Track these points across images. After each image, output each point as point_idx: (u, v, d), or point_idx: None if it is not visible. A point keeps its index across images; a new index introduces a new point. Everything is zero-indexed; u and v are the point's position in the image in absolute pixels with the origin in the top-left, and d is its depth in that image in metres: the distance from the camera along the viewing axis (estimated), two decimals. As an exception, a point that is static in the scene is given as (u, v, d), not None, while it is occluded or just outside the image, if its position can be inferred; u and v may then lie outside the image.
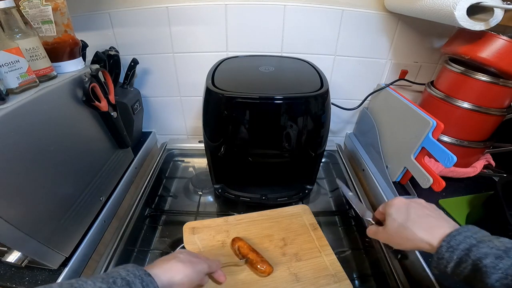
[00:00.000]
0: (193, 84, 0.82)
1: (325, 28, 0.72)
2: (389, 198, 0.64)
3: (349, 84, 0.82)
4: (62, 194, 0.50)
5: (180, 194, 0.77)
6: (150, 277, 0.35)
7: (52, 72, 0.51)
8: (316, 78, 0.57)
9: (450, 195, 0.65)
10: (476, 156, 0.68)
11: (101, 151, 0.62)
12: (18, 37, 0.44)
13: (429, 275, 0.48)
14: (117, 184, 0.68)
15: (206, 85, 0.54)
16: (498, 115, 0.60)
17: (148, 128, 0.92)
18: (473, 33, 0.52)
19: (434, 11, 0.51)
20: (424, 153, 0.57)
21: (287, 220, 0.62)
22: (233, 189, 0.69)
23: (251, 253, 0.51)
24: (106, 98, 0.59)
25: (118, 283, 0.33)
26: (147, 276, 0.35)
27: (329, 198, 0.77)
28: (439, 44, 0.74)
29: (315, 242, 0.56)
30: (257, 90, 0.52)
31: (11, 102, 0.41)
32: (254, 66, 0.63)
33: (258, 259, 0.50)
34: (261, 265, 0.50)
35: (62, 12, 0.51)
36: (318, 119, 0.54)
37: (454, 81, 0.62)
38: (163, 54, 0.77)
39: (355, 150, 0.83)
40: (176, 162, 0.89)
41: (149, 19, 0.71)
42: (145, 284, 0.34)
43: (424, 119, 0.56)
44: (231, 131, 0.53)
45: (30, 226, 0.42)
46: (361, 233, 0.64)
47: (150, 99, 0.86)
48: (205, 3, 0.69)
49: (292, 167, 0.67)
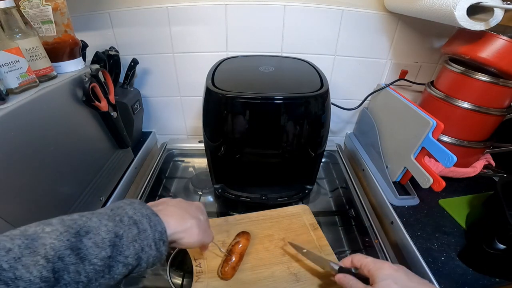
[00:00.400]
0: (193, 84, 0.82)
1: (325, 28, 0.72)
2: (389, 198, 0.64)
3: (349, 84, 0.82)
4: (62, 194, 0.50)
5: (180, 194, 0.77)
6: (157, 217, 0.33)
7: (52, 72, 0.51)
8: (316, 78, 0.57)
9: (450, 195, 0.66)
10: (476, 156, 0.68)
11: (101, 151, 0.62)
12: (18, 37, 0.44)
13: (429, 275, 0.48)
14: (117, 184, 0.68)
15: (206, 85, 0.54)
16: (498, 115, 0.60)
17: (148, 128, 0.92)
18: (473, 33, 0.52)
19: (434, 11, 0.51)
20: (424, 153, 0.57)
21: (287, 220, 0.62)
22: (233, 189, 0.69)
23: (236, 255, 0.50)
24: (106, 98, 0.59)
25: (125, 221, 0.31)
26: (155, 216, 0.33)
27: (329, 198, 0.77)
28: (439, 44, 0.74)
29: (315, 242, 0.56)
30: (257, 90, 0.52)
31: (11, 102, 0.41)
32: (254, 66, 0.63)
33: (233, 263, 0.49)
34: (227, 268, 0.48)
35: (62, 12, 0.51)
36: (318, 119, 0.54)
37: (454, 81, 0.62)
38: (163, 54, 0.77)
39: (355, 150, 0.83)
40: (176, 162, 0.89)
41: (149, 19, 0.71)
42: (153, 224, 0.33)
43: (424, 119, 0.56)
44: (231, 131, 0.53)
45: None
46: (361, 233, 0.64)
47: (150, 99, 0.86)
48: (205, 3, 0.69)
49: (292, 167, 0.67)
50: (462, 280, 0.48)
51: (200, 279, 0.49)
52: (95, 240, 0.28)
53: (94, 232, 0.28)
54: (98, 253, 0.27)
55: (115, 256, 0.29)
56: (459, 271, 0.49)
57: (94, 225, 0.29)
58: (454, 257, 0.52)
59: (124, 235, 0.30)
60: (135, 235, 0.31)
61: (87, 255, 0.27)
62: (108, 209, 0.33)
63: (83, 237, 0.27)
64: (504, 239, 0.47)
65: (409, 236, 0.55)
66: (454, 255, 0.52)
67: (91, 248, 0.27)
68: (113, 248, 0.29)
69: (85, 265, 0.27)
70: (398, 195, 0.63)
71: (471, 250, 0.52)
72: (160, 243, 0.33)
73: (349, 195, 0.72)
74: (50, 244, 0.25)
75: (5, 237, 0.25)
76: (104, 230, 0.29)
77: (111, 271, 0.29)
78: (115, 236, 0.29)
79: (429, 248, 0.53)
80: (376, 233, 0.60)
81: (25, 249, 0.24)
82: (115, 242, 0.29)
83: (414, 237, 0.55)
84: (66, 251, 0.26)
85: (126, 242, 0.30)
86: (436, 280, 0.47)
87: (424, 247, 0.53)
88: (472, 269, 0.50)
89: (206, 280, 0.49)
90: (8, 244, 0.24)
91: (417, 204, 0.63)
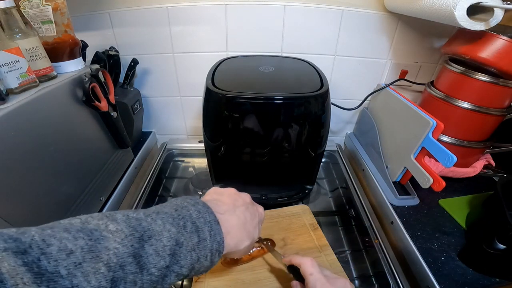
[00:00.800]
0: (193, 84, 0.82)
1: (325, 28, 0.72)
2: (389, 198, 0.64)
3: (349, 84, 0.82)
4: (62, 194, 0.50)
5: (180, 194, 0.77)
6: (218, 226, 0.31)
7: (52, 72, 0.51)
8: (316, 78, 0.57)
9: (450, 195, 0.66)
10: (476, 156, 0.68)
11: (101, 151, 0.62)
12: (18, 37, 0.44)
13: (429, 275, 0.48)
14: (117, 184, 0.68)
15: (206, 85, 0.54)
16: (498, 115, 0.60)
17: (148, 128, 0.92)
18: (473, 33, 0.52)
19: (434, 11, 0.51)
20: (424, 153, 0.57)
21: (287, 220, 0.61)
22: (233, 189, 0.69)
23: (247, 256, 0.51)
24: (106, 98, 0.59)
25: (188, 227, 0.29)
26: (216, 224, 0.31)
27: (329, 198, 0.77)
28: (439, 44, 0.74)
29: (315, 242, 0.56)
30: (257, 90, 0.52)
31: (11, 102, 0.41)
32: (254, 66, 0.63)
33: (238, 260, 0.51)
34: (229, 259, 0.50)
35: (62, 12, 0.51)
36: (318, 119, 0.54)
37: (454, 81, 0.62)
38: (163, 54, 0.77)
39: (355, 150, 0.83)
40: (176, 162, 0.89)
41: (149, 19, 0.71)
42: (213, 233, 0.31)
43: (424, 119, 0.56)
44: (231, 131, 0.53)
45: (30, 226, 0.42)
46: (361, 233, 0.64)
47: (150, 99, 0.86)
48: (205, 3, 0.69)
49: (292, 167, 0.67)
50: (462, 280, 0.48)
51: (200, 279, 0.49)
52: (157, 247, 0.26)
53: (157, 237, 0.26)
54: (157, 262, 0.26)
55: (171, 266, 0.27)
56: (459, 271, 0.49)
57: (157, 229, 0.27)
58: (454, 257, 0.52)
59: (185, 243, 0.28)
60: (195, 244, 0.29)
61: (146, 263, 0.25)
62: (173, 208, 0.31)
63: (146, 243, 0.25)
64: (504, 239, 0.47)
65: (409, 236, 0.55)
66: (454, 255, 0.52)
67: (151, 256, 0.25)
68: (172, 257, 0.27)
69: (143, 274, 0.25)
70: (398, 195, 0.63)
71: (471, 250, 0.52)
72: (216, 254, 0.31)
73: (349, 195, 0.72)
74: (114, 249, 0.23)
75: (67, 234, 0.22)
76: (166, 236, 0.27)
77: (164, 281, 0.27)
78: (175, 244, 0.27)
79: (429, 248, 0.53)
80: (376, 233, 0.60)
81: (88, 252, 0.22)
82: (175, 251, 0.27)
83: (414, 237, 0.55)
84: (128, 259, 0.23)
85: (185, 251, 0.28)
86: (436, 280, 0.47)
87: (424, 247, 0.53)
88: (472, 269, 0.50)
89: (206, 280, 0.49)
90: (70, 245, 0.21)
91: (417, 204, 0.63)
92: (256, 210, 0.40)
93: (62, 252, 0.21)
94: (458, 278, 0.48)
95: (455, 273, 0.49)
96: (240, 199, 0.39)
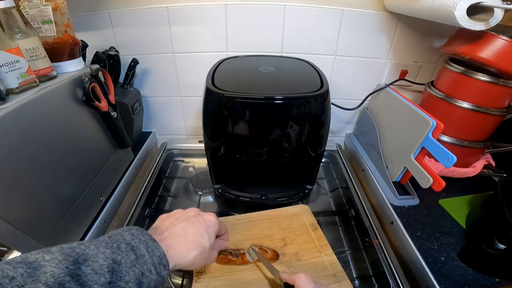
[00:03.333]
0: (193, 84, 0.82)
1: (325, 28, 0.72)
2: (389, 198, 0.64)
3: (349, 84, 0.82)
4: (62, 194, 0.50)
5: (180, 194, 0.77)
6: (155, 242, 0.34)
7: (52, 72, 0.51)
8: (316, 78, 0.57)
9: (450, 195, 0.66)
10: (476, 156, 0.68)
11: (101, 151, 0.62)
12: (18, 37, 0.44)
13: (429, 275, 0.48)
14: (117, 184, 0.68)
15: (206, 85, 0.54)
16: (498, 115, 0.60)
17: (148, 128, 0.92)
18: (473, 33, 0.52)
19: (434, 11, 0.51)
20: (424, 153, 0.57)
21: (287, 220, 0.62)
22: (233, 189, 0.69)
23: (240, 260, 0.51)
24: (106, 98, 0.59)
25: (122, 248, 0.32)
26: (152, 242, 0.34)
27: (329, 198, 0.77)
28: (439, 44, 0.74)
29: (315, 242, 0.56)
30: (257, 90, 0.52)
31: (11, 102, 0.41)
32: (254, 66, 0.63)
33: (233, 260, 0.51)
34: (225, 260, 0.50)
35: (62, 12, 0.51)
36: (318, 119, 0.54)
37: (454, 81, 0.62)
38: (163, 54, 0.77)
39: (355, 150, 0.83)
40: (176, 162, 0.89)
41: (149, 19, 0.71)
42: (150, 249, 0.33)
43: (424, 119, 0.56)
44: (231, 131, 0.53)
45: (30, 226, 0.42)
46: (361, 233, 0.64)
47: (150, 99, 0.86)
48: (205, 3, 0.69)
49: (292, 167, 0.67)
50: (462, 280, 0.48)
51: (200, 279, 0.49)
52: (93, 267, 0.29)
53: (92, 259, 0.29)
54: (98, 279, 0.28)
55: (115, 282, 0.29)
56: (459, 271, 0.49)
57: (92, 253, 0.30)
58: (454, 257, 0.52)
59: (122, 261, 0.31)
60: (133, 260, 0.31)
61: (86, 281, 0.27)
62: (106, 236, 0.33)
63: (82, 264, 0.28)
64: (504, 239, 0.47)
65: (409, 236, 0.55)
66: (454, 255, 0.52)
67: (90, 274, 0.28)
68: (112, 274, 0.29)
69: None
70: (398, 195, 0.63)
71: (471, 250, 0.52)
72: (161, 267, 0.33)
73: (349, 195, 0.72)
74: (50, 272, 0.26)
75: (8, 265, 0.26)
76: (101, 257, 0.30)
77: None
78: (113, 262, 0.30)
79: (429, 248, 0.53)
80: (376, 233, 0.60)
81: (28, 277, 0.25)
82: (114, 268, 0.30)
83: (414, 237, 0.55)
84: (66, 278, 0.26)
85: (125, 267, 0.30)
86: (436, 280, 0.47)
87: (424, 247, 0.53)
88: (472, 269, 0.50)
89: (206, 280, 0.49)
90: (11, 273, 0.25)
91: (417, 204, 0.63)
92: (202, 219, 0.42)
93: (5, 278, 0.24)
94: (458, 278, 0.48)
95: (455, 273, 0.49)
96: (183, 216, 0.42)
